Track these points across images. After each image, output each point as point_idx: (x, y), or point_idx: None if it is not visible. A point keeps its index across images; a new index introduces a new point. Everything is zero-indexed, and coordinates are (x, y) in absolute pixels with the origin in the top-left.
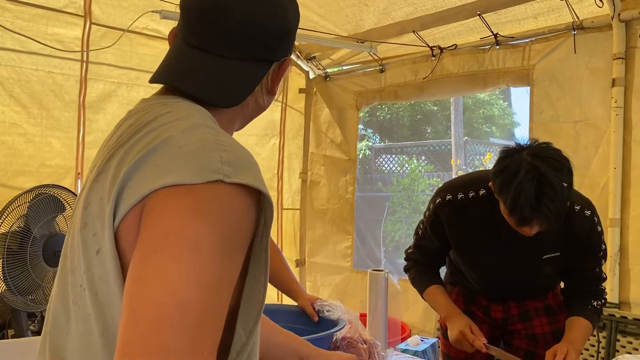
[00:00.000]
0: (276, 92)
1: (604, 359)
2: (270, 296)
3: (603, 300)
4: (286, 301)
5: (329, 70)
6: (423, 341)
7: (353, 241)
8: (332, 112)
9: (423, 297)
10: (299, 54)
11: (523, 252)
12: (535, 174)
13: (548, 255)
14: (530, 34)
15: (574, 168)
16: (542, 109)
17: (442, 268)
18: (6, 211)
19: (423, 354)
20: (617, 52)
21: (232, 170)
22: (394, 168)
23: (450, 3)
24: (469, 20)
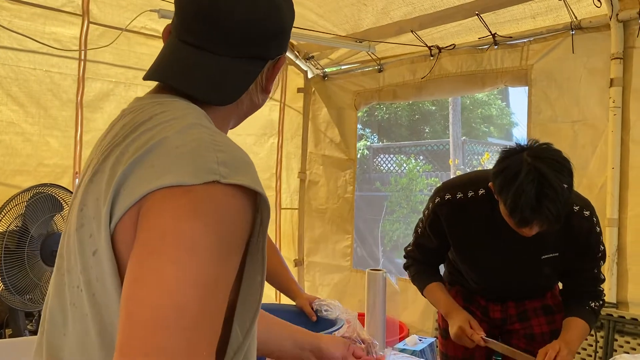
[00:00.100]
0: (271, 90)
1: (601, 358)
2: (269, 295)
3: (601, 302)
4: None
5: (327, 70)
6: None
7: (352, 240)
8: (330, 111)
9: (423, 294)
10: (297, 54)
11: (522, 252)
12: (536, 175)
13: (547, 256)
14: (529, 34)
15: (572, 168)
16: (540, 108)
17: (441, 266)
18: (4, 210)
19: (421, 353)
20: (615, 52)
21: (228, 170)
22: (392, 168)
23: (449, 3)
24: (467, 20)
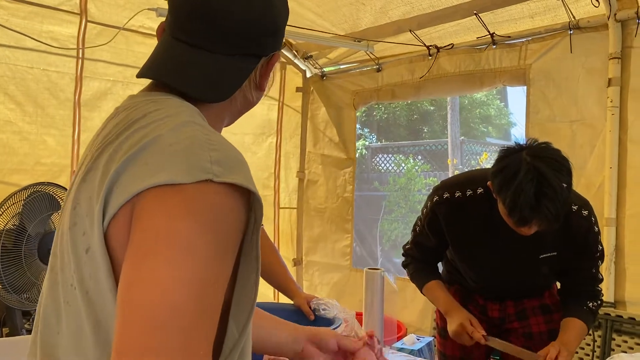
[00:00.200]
0: (265, 87)
1: (599, 357)
2: (267, 294)
3: (599, 301)
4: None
5: (325, 70)
6: (419, 340)
7: (352, 240)
8: (329, 111)
9: (422, 292)
10: (295, 53)
11: (520, 251)
12: (535, 174)
13: (545, 255)
14: (527, 34)
15: (571, 167)
16: (538, 108)
17: (439, 264)
18: (1, 209)
19: (419, 352)
20: (613, 51)
21: (222, 169)
22: (390, 167)
23: (447, 2)
24: (466, 20)
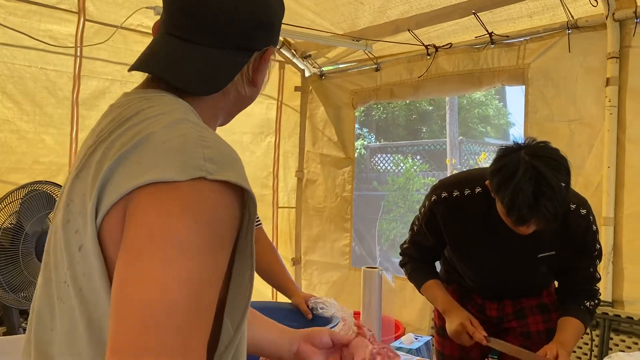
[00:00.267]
0: (258, 83)
1: (597, 357)
2: (265, 293)
3: (596, 301)
4: (281, 299)
5: (324, 69)
6: (417, 339)
7: (351, 239)
8: (327, 110)
9: (420, 292)
10: (294, 52)
11: (519, 250)
12: (534, 173)
13: (543, 254)
14: (525, 33)
15: (570, 166)
16: (536, 108)
17: (437, 263)
18: None
19: (417, 352)
20: (611, 51)
21: (215, 167)
22: (389, 167)
23: (446, 1)
24: (464, 19)
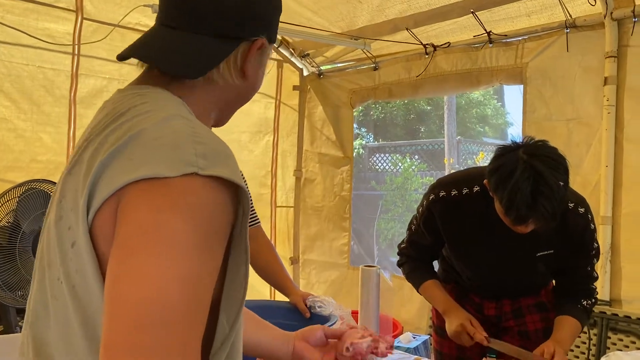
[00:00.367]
0: (250, 75)
1: (594, 356)
2: (263, 292)
3: (593, 300)
4: (279, 297)
5: (322, 68)
6: (415, 338)
7: (350, 238)
8: (326, 109)
9: (419, 292)
10: (292, 51)
11: (517, 249)
12: (532, 172)
13: (541, 253)
14: (523, 32)
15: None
16: (534, 107)
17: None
18: None
19: (415, 350)
20: (610, 50)
21: (207, 162)
22: (387, 167)
23: (444, 1)
24: (463, 18)
